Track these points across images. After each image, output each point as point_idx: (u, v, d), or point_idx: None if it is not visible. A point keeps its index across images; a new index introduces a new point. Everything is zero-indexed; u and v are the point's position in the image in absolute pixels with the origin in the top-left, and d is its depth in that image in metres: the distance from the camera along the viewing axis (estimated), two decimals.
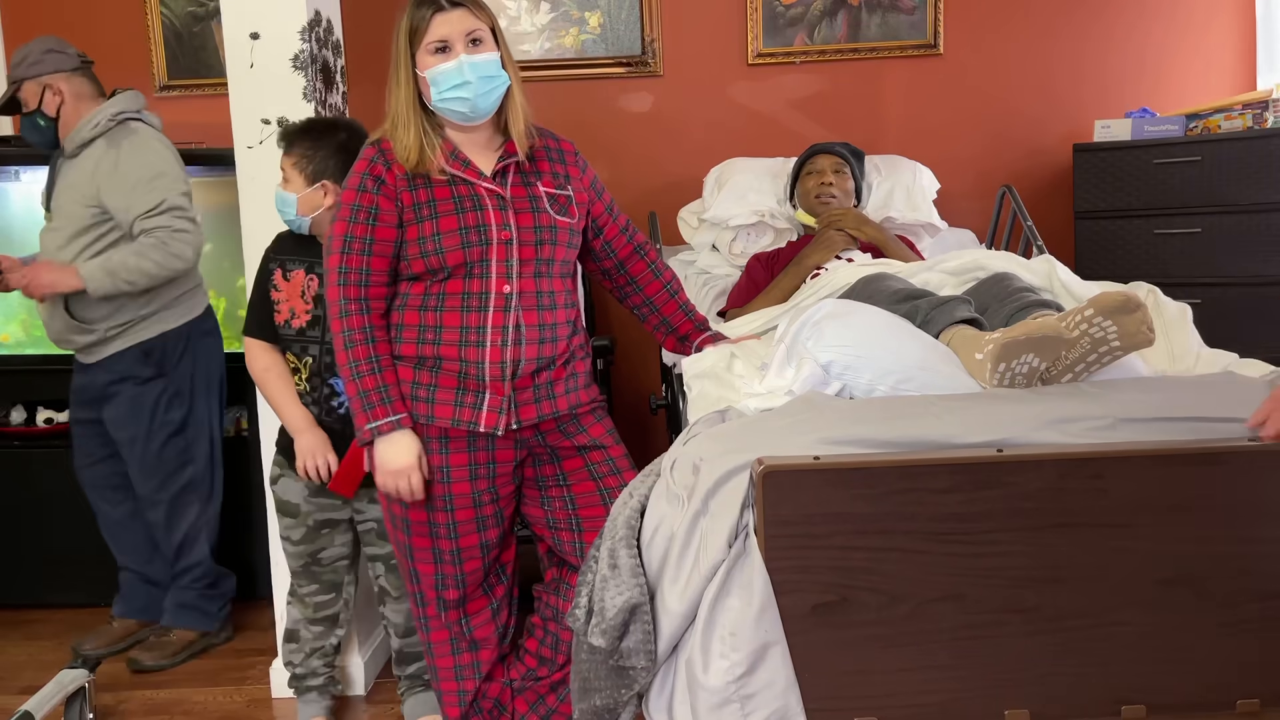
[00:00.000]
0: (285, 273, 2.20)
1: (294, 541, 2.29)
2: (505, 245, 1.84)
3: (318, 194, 2.14)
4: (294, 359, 2.20)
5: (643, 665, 1.54)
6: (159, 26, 3.46)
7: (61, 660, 2.66)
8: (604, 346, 2.92)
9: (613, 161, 3.41)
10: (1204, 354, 2.02)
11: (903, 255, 2.60)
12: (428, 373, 1.86)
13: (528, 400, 1.88)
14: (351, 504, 2.26)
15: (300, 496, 2.26)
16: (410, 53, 1.85)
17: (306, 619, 2.32)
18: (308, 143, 2.15)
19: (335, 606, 2.33)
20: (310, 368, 2.18)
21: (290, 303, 2.19)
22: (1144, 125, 3.07)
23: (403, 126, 1.85)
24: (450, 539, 1.91)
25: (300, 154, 2.14)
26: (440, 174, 1.86)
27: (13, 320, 3.13)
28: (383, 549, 2.28)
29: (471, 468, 1.88)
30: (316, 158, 2.14)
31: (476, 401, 1.85)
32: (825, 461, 1.44)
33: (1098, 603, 1.48)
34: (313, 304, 2.17)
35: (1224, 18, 3.34)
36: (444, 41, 1.82)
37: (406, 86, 1.85)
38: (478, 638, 2.00)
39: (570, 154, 2.00)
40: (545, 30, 3.42)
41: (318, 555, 2.29)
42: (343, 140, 2.16)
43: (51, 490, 3.09)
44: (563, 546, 2.00)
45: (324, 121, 2.25)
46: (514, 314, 1.85)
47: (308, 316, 2.18)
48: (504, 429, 1.86)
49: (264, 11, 2.37)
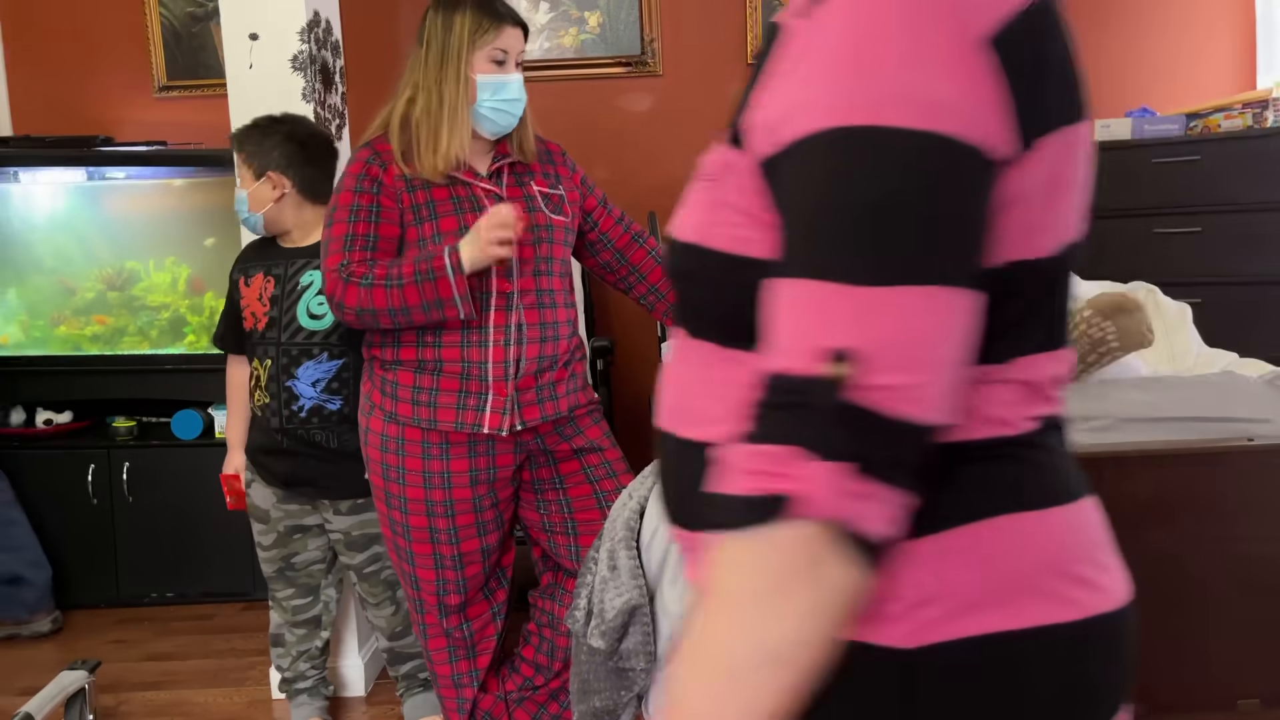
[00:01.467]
0: (246, 279, 2.20)
1: (265, 547, 2.28)
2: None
3: (265, 187, 2.13)
4: (256, 363, 2.18)
5: (643, 666, 1.54)
6: (158, 27, 3.46)
7: (61, 661, 2.66)
8: (604, 347, 2.92)
9: (612, 161, 3.41)
10: (1204, 353, 2.02)
11: None
12: (429, 376, 1.85)
13: (531, 401, 1.87)
14: (320, 513, 2.25)
15: (270, 503, 2.25)
16: (470, 53, 1.83)
17: (288, 623, 2.32)
18: (255, 137, 2.15)
19: (314, 609, 2.32)
20: (269, 370, 2.15)
21: (251, 307, 2.18)
22: (1144, 124, 3.07)
23: (448, 124, 1.82)
24: (451, 544, 1.91)
25: (248, 150, 2.14)
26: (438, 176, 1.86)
27: (12, 321, 3.13)
28: (353, 559, 2.25)
29: (472, 473, 1.88)
30: (262, 151, 2.13)
31: (479, 404, 1.84)
32: None
33: None
34: (269, 305, 2.15)
35: (1224, 17, 3.34)
36: (505, 53, 1.84)
37: (462, 84, 1.82)
38: (478, 643, 2.00)
39: (558, 154, 2.02)
40: (545, 30, 3.42)
41: (291, 560, 2.28)
42: (287, 131, 2.15)
43: (52, 492, 3.09)
44: (558, 550, 2.00)
45: (270, 117, 2.21)
46: (516, 313, 1.85)
47: (266, 319, 2.16)
48: (507, 430, 1.86)
49: (263, 12, 2.37)
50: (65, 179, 3.06)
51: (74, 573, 3.10)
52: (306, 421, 2.14)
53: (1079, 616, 0.66)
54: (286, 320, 2.14)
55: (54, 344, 3.11)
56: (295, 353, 2.13)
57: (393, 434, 1.87)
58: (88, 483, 3.07)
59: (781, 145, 0.63)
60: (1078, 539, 0.69)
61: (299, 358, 2.13)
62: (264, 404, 2.17)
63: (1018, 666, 0.65)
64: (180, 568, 3.10)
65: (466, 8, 1.84)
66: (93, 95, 3.49)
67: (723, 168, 0.71)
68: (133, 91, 3.49)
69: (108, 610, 3.03)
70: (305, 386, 2.14)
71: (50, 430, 3.18)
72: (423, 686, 2.34)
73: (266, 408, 2.17)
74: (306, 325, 2.14)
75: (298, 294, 2.15)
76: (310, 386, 2.14)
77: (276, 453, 2.19)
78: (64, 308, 3.10)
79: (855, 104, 0.59)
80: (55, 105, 3.48)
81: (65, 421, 3.21)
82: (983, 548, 0.65)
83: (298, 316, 2.14)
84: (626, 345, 3.45)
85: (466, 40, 1.83)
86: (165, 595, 3.12)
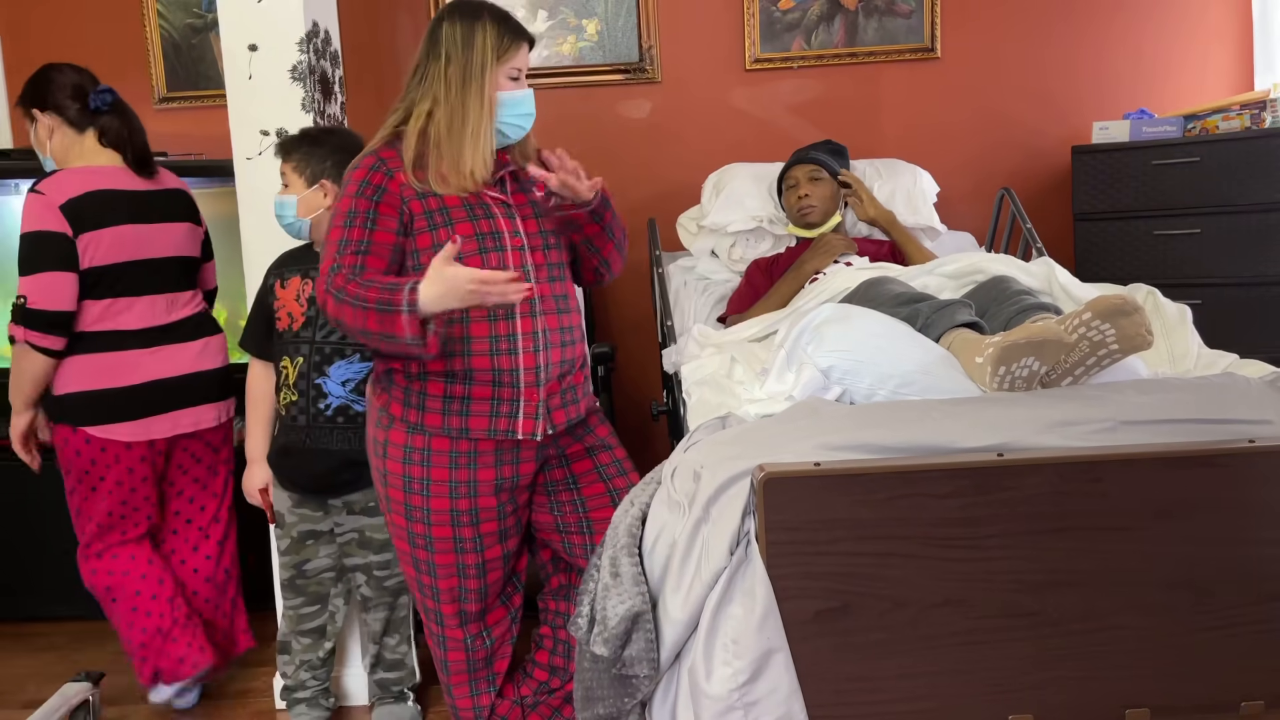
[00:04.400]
0: (283, 282, 2.24)
1: (281, 553, 2.32)
2: (519, 251, 1.86)
3: (317, 194, 2.18)
4: (286, 361, 2.21)
5: (645, 674, 1.54)
6: (158, 39, 3.47)
7: (65, 673, 2.65)
8: (605, 354, 2.93)
9: (611, 168, 3.40)
10: (1204, 355, 2.02)
11: (908, 238, 2.68)
12: (460, 385, 1.84)
13: (557, 405, 1.90)
14: (330, 515, 2.27)
15: (286, 507, 2.29)
16: (495, 71, 1.86)
17: (295, 631, 2.34)
18: (306, 146, 2.20)
19: (320, 619, 2.34)
20: (300, 367, 2.19)
21: (288, 308, 2.22)
22: (1142, 126, 3.07)
23: (471, 138, 1.84)
24: (476, 553, 1.91)
25: (300, 157, 2.19)
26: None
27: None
28: (363, 559, 2.28)
29: (498, 480, 1.89)
30: (315, 159, 2.19)
31: (512, 410, 1.85)
32: (826, 467, 1.44)
33: (1100, 606, 1.47)
34: (307, 305, 2.21)
35: (1221, 18, 3.35)
36: (520, 71, 1.89)
37: (485, 104, 1.84)
38: (496, 649, 2.01)
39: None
40: (543, 38, 3.42)
41: (302, 567, 2.31)
42: (339, 143, 2.21)
43: (55, 502, 3.09)
44: (573, 550, 2.01)
45: (320, 128, 2.31)
46: (540, 319, 1.87)
47: (303, 318, 2.21)
48: (541, 434, 1.87)
49: (262, 23, 2.38)
50: None
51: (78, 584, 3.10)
52: (332, 420, 2.17)
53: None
54: (323, 319, 2.18)
55: None
56: (328, 351, 2.18)
57: (418, 445, 1.86)
58: None
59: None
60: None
61: (331, 356, 2.18)
62: (290, 402, 2.21)
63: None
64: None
65: (486, 22, 1.86)
66: None
67: None
68: (133, 103, 3.42)
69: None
70: (335, 385, 2.18)
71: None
72: (395, 699, 2.38)
73: (294, 405, 2.20)
74: None
75: None
76: (340, 386, 2.18)
77: (296, 453, 2.21)
78: None
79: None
80: None
81: None
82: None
83: None
84: (627, 352, 3.45)
85: (490, 58, 1.85)
86: None
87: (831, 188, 2.80)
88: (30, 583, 3.12)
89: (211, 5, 3.41)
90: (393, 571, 2.28)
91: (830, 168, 2.83)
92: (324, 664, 2.38)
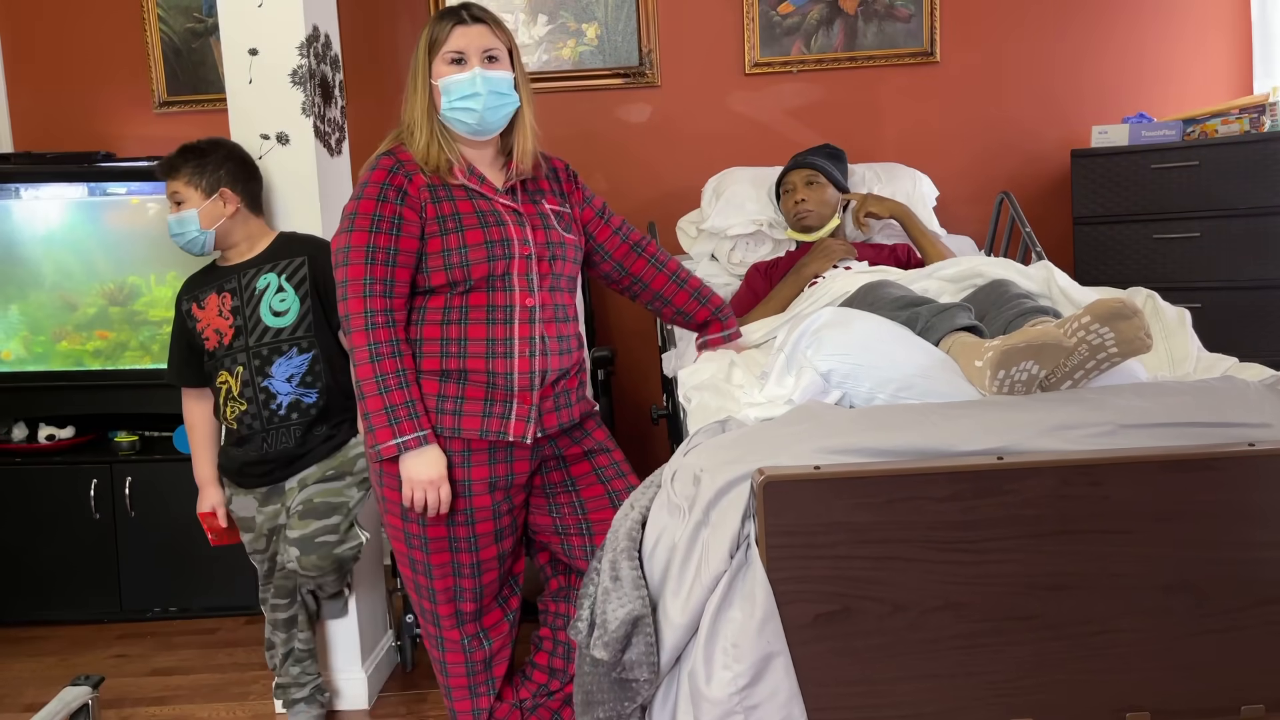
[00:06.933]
0: (200, 303, 2.26)
1: (256, 552, 2.36)
2: (526, 260, 1.88)
3: (218, 204, 2.21)
4: (225, 376, 2.23)
5: (645, 677, 1.54)
6: (158, 43, 3.47)
7: (65, 677, 2.66)
8: (605, 357, 2.93)
9: (611, 172, 3.42)
10: (1203, 358, 2.02)
11: (922, 232, 2.68)
12: (454, 384, 1.86)
13: (549, 409, 1.92)
14: (287, 500, 2.28)
15: (252, 510, 2.31)
16: (428, 62, 1.89)
17: (271, 623, 2.38)
18: (195, 159, 2.21)
19: (291, 610, 2.37)
20: (241, 376, 2.21)
21: (213, 325, 2.24)
22: (1141, 130, 3.08)
23: (418, 130, 1.89)
24: (471, 552, 1.92)
25: (192, 170, 2.20)
26: (459, 186, 1.88)
27: (14, 337, 3.13)
28: (307, 527, 2.22)
29: (492, 480, 1.89)
30: (208, 170, 2.20)
31: (504, 411, 1.87)
32: (826, 471, 1.44)
33: (1099, 610, 1.47)
34: (231, 316, 2.22)
35: (1220, 22, 3.35)
36: (460, 53, 1.87)
37: (422, 94, 1.89)
38: (494, 650, 2.01)
39: (563, 170, 2.06)
40: (543, 42, 3.43)
41: (276, 559, 2.34)
42: (226, 152, 2.24)
43: (55, 507, 3.09)
44: (573, 552, 2.01)
45: (201, 141, 2.27)
46: (538, 326, 1.88)
47: (231, 330, 2.23)
48: (531, 437, 1.88)
49: (262, 27, 2.38)
50: (66, 195, 3.07)
51: (77, 588, 3.10)
52: (286, 419, 2.22)
53: None
54: (252, 325, 2.21)
55: (56, 359, 3.12)
56: (266, 353, 2.21)
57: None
58: (90, 497, 3.08)
59: None
60: None
61: (270, 356, 2.21)
62: (241, 412, 2.23)
63: None
64: (183, 582, 3.11)
65: (430, 20, 1.92)
66: (94, 111, 3.50)
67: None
68: (133, 107, 3.51)
69: (110, 625, 3.03)
70: (281, 383, 2.21)
71: (52, 445, 3.19)
72: (304, 702, 2.40)
73: (244, 414, 2.23)
74: (272, 324, 2.22)
75: (257, 298, 2.23)
76: (286, 382, 2.21)
77: (257, 461, 2.25)
78: (66, 323, 3.11)
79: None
80: (56, 121, 3.50)
81: (67, 437, 3.22)
82: None
83: (262, 318, 2.22)
84: (627, 355, 3.45)
85: (424, 52, 1.90)
86: (168, 610, 3.12)
87: (829, 192, 2.81)
88: (30, 586, 3.12)
89: (212, 9, 3.41)
90: (344, 538, 2.26)
91: (827, 172, 2.83)
92: (308, 656, 2.40)
